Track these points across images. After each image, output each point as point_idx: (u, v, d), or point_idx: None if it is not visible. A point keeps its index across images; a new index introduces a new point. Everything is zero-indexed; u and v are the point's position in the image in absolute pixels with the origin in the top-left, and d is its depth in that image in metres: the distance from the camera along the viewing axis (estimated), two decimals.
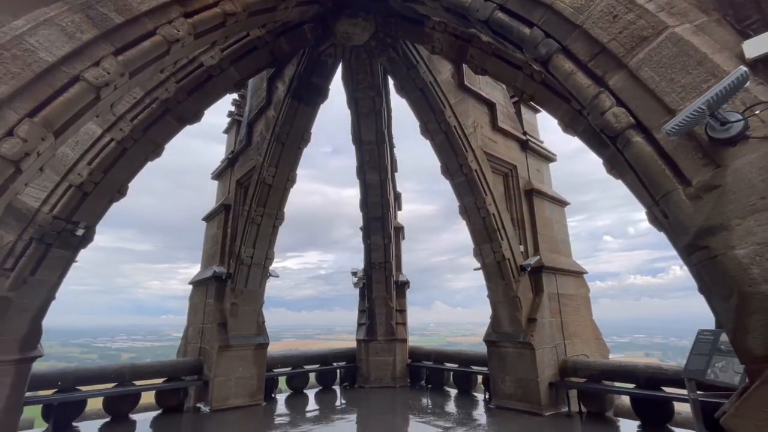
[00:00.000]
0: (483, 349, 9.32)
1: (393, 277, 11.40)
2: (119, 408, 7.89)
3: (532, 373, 7.92)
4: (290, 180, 9.05)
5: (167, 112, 6.81)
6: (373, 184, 10.46)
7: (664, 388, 7.03)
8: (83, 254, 7.16)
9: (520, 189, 9.52)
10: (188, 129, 7.45)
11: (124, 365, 8.44)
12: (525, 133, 10.33)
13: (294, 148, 8.77)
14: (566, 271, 9.54)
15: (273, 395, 9.81)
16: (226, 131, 12.28)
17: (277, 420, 7.99)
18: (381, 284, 11.28)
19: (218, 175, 11.67)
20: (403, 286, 12.05)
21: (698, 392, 5.63)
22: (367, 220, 10.94)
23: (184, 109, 6.93)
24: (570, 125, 5.52)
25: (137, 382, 8.26)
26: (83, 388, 7.64)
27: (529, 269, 8.61)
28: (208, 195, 11.95)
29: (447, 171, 8.59)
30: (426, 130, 8.40)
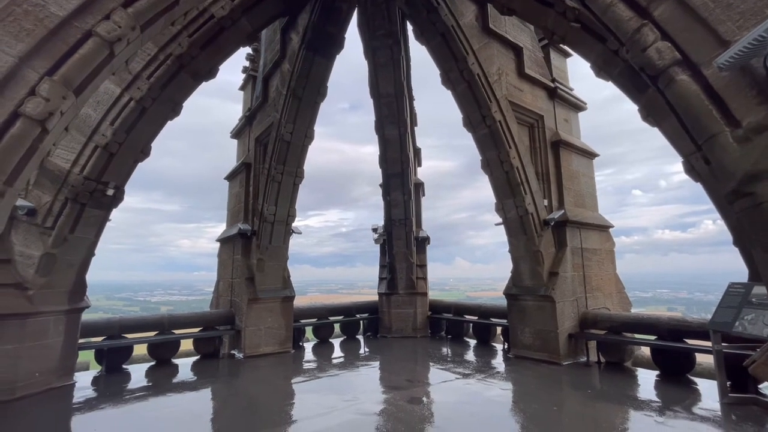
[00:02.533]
0: (502, 302, 9.47)
1: (413, 233, 11.47)
2: (162, 354, 8.59)
3: (551, 325, 8.03)
4: (308, 137, 8.95)
5: (182, 69, 6.72)
6: (392, 140, 10.23)
7: (686, 340, 7.04)
8: (117, 215, 7.49)
9: (546, 140, 9.11)
10: (205, 88, 7.36)
11: (163, 316, 9.07)
12: (554, 80, 9.70)
13: (311, 103, 8.57)
14: (591, 225, 9.32)
15: (301, 344, 10.41)
16: (242, 88, 12.09)
17: (306, 366, 8.53)
18: (401, 240, 11.40)
19: (237, 133, 11.67)
20: (423, 242, 12.15)
21: (723, 344, 5.61)
22: (386, 176, 10.84)
23: (198, 65, 6.81)
24: (604, 68, 5.13)
25: (176, 331, 8.91)
26: (129, 336, 8.32)
27: (552, 224, 8.45)
28: (229, 155, 12.04)
29: (469, 123, 8.26)
30: (447, 80, 8.00)
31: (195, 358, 9.00)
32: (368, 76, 9.61)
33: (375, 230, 11.81)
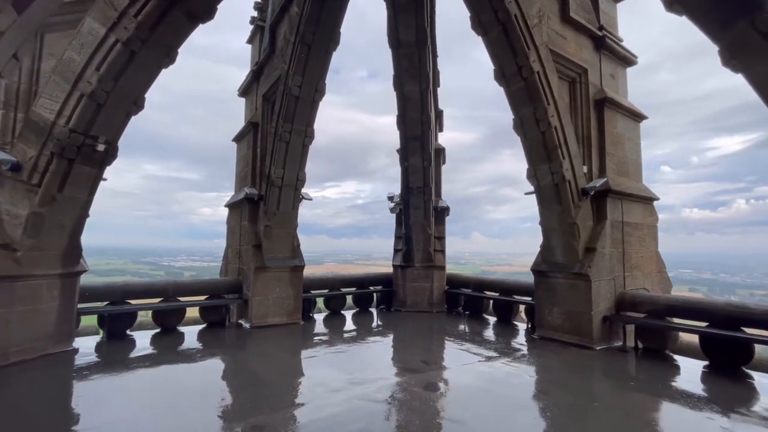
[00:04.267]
0: (518, 277, 8.69)
1: (432, 202, 10.62)
2: (167, 321, 8.26)
3: (584, 306, 7.22)
4: (319, 91, 8.05)
5: (174, 6, 5.84)
6: (413, 97, 9.20)
7: (744, 328, 6.15)
8: (139, 182, 7.07)
9: (589, 98, 7.95)
10: (221, 55, 6.51)
11: (168, 282, 8.69)
12: (601, 28, 8.37)
13: (321, 52, 7.61)
14: (635, 196, 8.27)
15: (311, 315, 9.97)
16: (250, 41, 11.12)
17: (315, 339, 8.05)
18: (419, 210, 10.59)
19: (244, 91, 10.84)
20: (442, 213, 11.32)
21: None
22: (405, 139, 9.90)
23: (192, 2, 5.92)
24: None
25: (182, 299, 8.54)
26: (132, 302, 7.98)
27: (592, 193, 7.46)
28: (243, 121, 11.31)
29: (502, 76, 7.18)
30: (478, 23, 6.86)
31: (202, 327, 8.67)
32: (387, 23, 8.50)
33: (391, 198, 11.02)
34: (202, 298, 8.84)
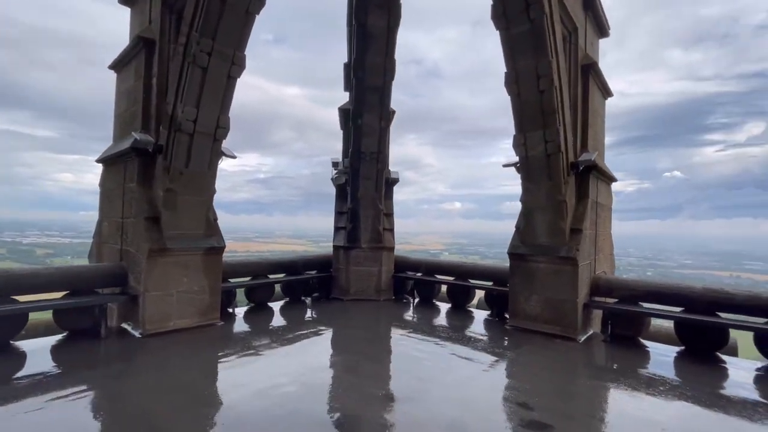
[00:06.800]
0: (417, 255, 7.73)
1: (385, 172, 8.98)
2: None
3: (569, 293, 6.49)
4: None
5: None
6: (377, 34, 7.25)
7: (720, 313, 6.03)
8: None
9: (577, 62, 7.09)
10: None
11: None
12: None
13: None
14: (606, 175, 7.85)
15: (230, 310, 7.63)
16: None
17: (241, 346, 5.86)
18: (370, 180, 8.86)
19: None
20: (391, 185, 9.78)
21: None
22: (360, 90, 7.94)
23: None
24: None
25: (20, 298, 5.48)
26: None
27: (581, 168, 6.67)
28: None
29: (503, 14, 5.77)
30: None
31: (59, 338, 5.76)
32: None
33: (335, 165, 9.03)
34: (59, 295, 5.86)
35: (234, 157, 6.87)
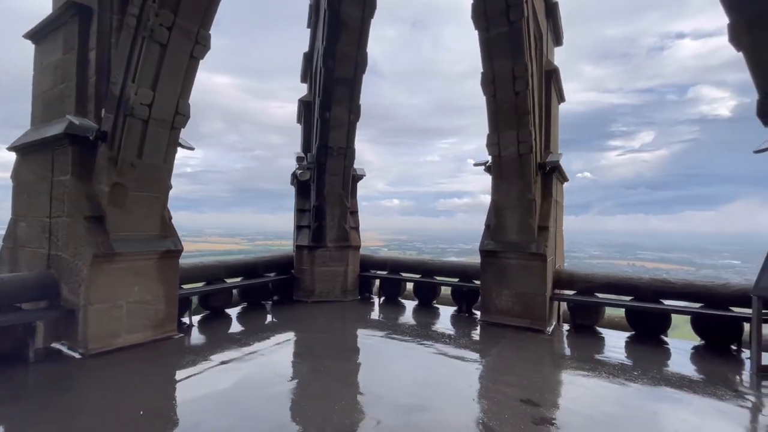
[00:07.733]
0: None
1: (352, 169, 8.69)
2: None
3: (539, 288, 6.83)
4: None
5: None
6: (351, 24, 6.93)
7: (663, 300, 6.78)
8: None
9: (542, 67, 7.46)
10: None
11: None
12: None
13: None
14: (563, 176, 8.39)
15: (185, 320, 6.82)
16: None
17: (192, 361, 5.21)
18: (337, 177, 8.51)
19: None
20: (356, 182, 9.51)
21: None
22: (330, 81, 7.53)
23: None
24: None
25: None
26: None
27: (548, 168, 7.04)
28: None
29: (483, 14, 5.83)
30: None
31: None
32: None
33: (301, 159, 8.50)
34: None
35: (192, 148, 6.11)
